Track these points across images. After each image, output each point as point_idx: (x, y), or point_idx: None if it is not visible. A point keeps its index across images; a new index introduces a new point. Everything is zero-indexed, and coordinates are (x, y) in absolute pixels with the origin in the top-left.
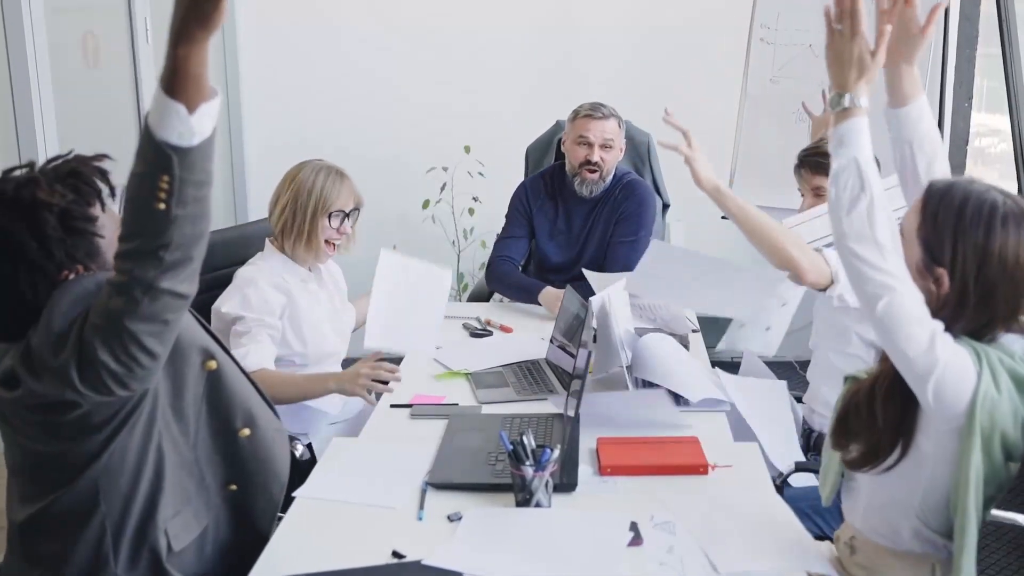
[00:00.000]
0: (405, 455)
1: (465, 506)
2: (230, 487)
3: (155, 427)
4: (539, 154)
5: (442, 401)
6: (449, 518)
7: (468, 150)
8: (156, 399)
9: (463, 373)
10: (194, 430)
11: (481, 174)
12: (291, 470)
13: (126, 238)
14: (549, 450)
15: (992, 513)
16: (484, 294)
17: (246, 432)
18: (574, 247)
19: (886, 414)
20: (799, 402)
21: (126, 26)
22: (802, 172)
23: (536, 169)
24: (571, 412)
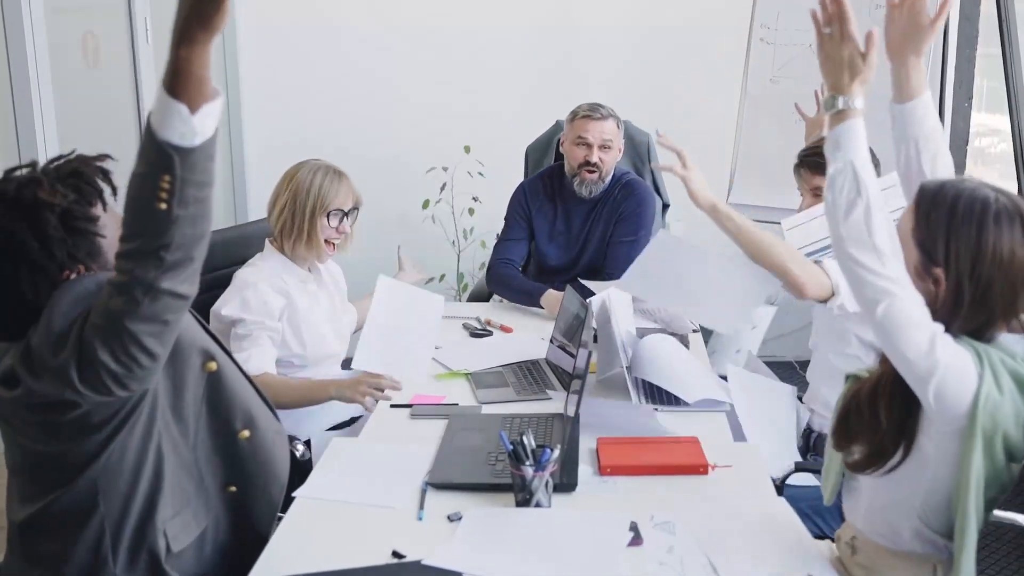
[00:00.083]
0: (405, 455)
1: (465, 506)
2: (229, 489)
3: (155, 428)
4: (539, 154)
5: (442, 401)
6: (449, 518)
7: (468, 150)
8: (156, 400)
9: (463, 373)
10: (194, 431)
11: (481, 174)
12: (291, 470)
13: (127, 238)
14: (549, 450)
15: (993, 513)
16: (484, 294)
17: (246, 434)
18: (574, 248)
19: (889, 416)
20: (799, 402)
21: (126, 26)
22: (801, 172)
23: (536, 169)
24: (571, 412)
